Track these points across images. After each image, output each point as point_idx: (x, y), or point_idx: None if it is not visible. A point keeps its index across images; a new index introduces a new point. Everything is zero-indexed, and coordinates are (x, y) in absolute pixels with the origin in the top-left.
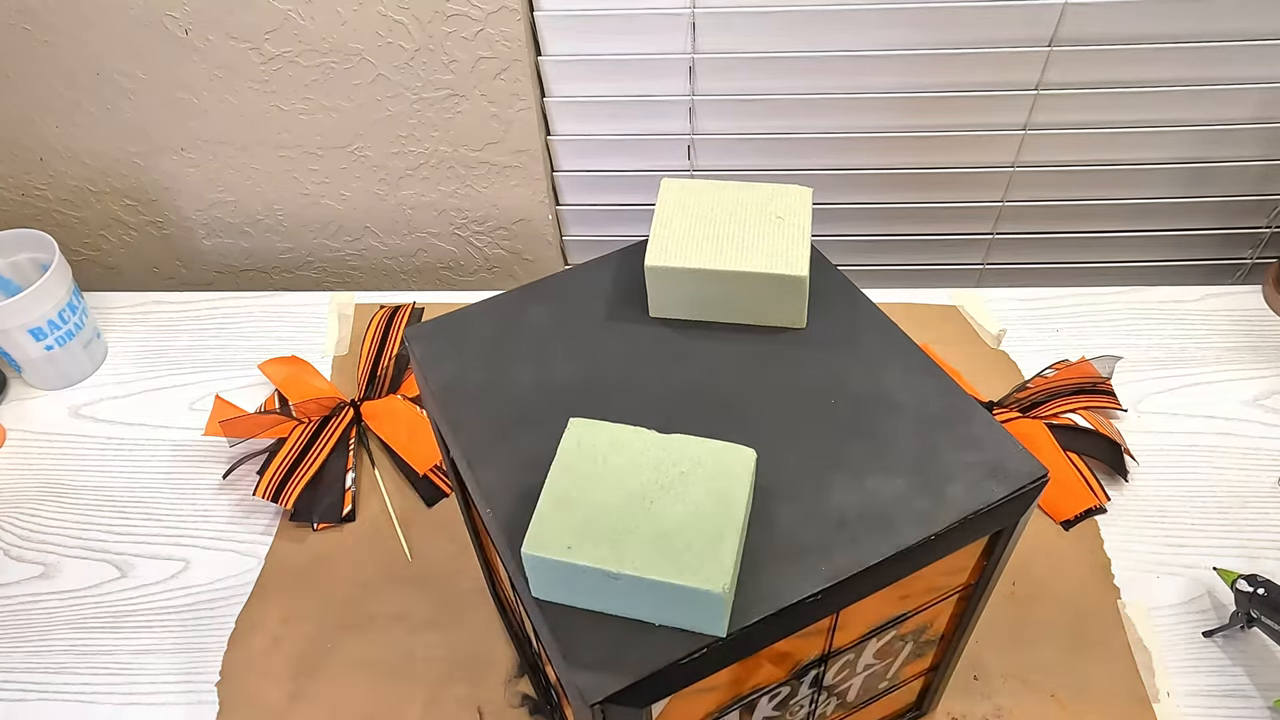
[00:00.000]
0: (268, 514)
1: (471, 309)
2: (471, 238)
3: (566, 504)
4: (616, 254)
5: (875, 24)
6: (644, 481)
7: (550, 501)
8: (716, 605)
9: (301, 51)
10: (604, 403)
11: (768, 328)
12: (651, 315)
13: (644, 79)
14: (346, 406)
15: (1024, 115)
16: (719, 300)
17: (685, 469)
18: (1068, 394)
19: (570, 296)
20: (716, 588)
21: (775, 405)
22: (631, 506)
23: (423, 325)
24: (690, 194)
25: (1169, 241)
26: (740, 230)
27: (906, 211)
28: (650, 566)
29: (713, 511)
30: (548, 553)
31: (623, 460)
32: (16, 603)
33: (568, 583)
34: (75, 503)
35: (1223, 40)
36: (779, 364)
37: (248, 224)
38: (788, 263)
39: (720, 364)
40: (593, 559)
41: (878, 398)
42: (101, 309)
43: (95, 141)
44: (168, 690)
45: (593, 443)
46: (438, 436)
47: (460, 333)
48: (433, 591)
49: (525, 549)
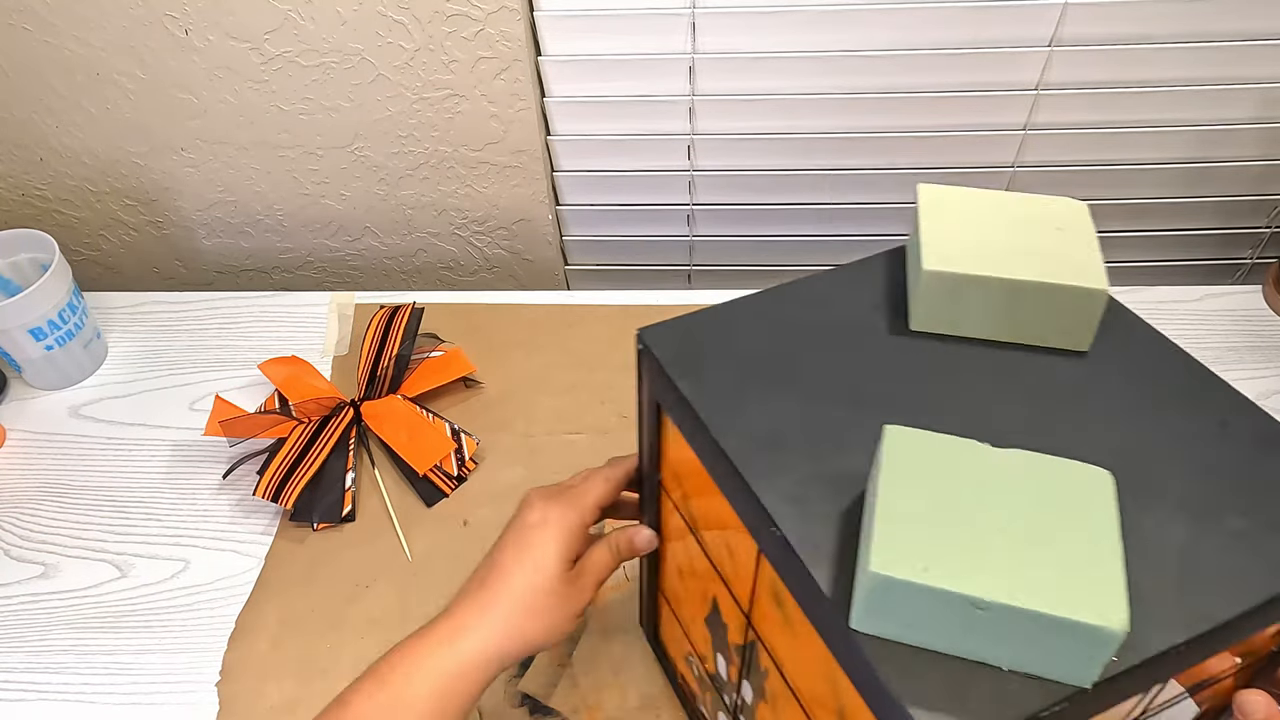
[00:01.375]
0: (268, 514)
1: (710, 311)
2: (471, 238)
3: (909, 521)
4: (869, 259)
5: (875, 24)
6: (992, 498)
7: (889, 517)
8: (1105, 647)
9: (301, 51)
10: (873, 418)
11: (1044, 348)
12: (913, 328)
13: (644, 79)
14: (346, 406)
15: (1024, 115)
16: (998, 314)
17: (1036, 487)
18: None
19: (819, 302)
20: (1115, 625)
21: (1079, 432)
22: (987, 526)
23: (658, 327)
24: (953, 200)
25: (1169, 241)
26: (1023, 239)
27: (906, 211)
28: (1030, 596)
29: (1086, 538)
30: (901, 573)
31: (960, 474)
32: (16, 603)
33: (908, 612)
34: (75, 503)
35: (1223, 40)
36: (1072, 387)
37: (248, 224)
38: (1086, 275)
39: (1000, 384)
40: (956, 584)
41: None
42: (101, 309)
43: (95, 141)
44: (168, 690)
45: (920, 454)
46: (648, 446)
47: (703, 336)
48: (433, 592)
49: (874, 568)
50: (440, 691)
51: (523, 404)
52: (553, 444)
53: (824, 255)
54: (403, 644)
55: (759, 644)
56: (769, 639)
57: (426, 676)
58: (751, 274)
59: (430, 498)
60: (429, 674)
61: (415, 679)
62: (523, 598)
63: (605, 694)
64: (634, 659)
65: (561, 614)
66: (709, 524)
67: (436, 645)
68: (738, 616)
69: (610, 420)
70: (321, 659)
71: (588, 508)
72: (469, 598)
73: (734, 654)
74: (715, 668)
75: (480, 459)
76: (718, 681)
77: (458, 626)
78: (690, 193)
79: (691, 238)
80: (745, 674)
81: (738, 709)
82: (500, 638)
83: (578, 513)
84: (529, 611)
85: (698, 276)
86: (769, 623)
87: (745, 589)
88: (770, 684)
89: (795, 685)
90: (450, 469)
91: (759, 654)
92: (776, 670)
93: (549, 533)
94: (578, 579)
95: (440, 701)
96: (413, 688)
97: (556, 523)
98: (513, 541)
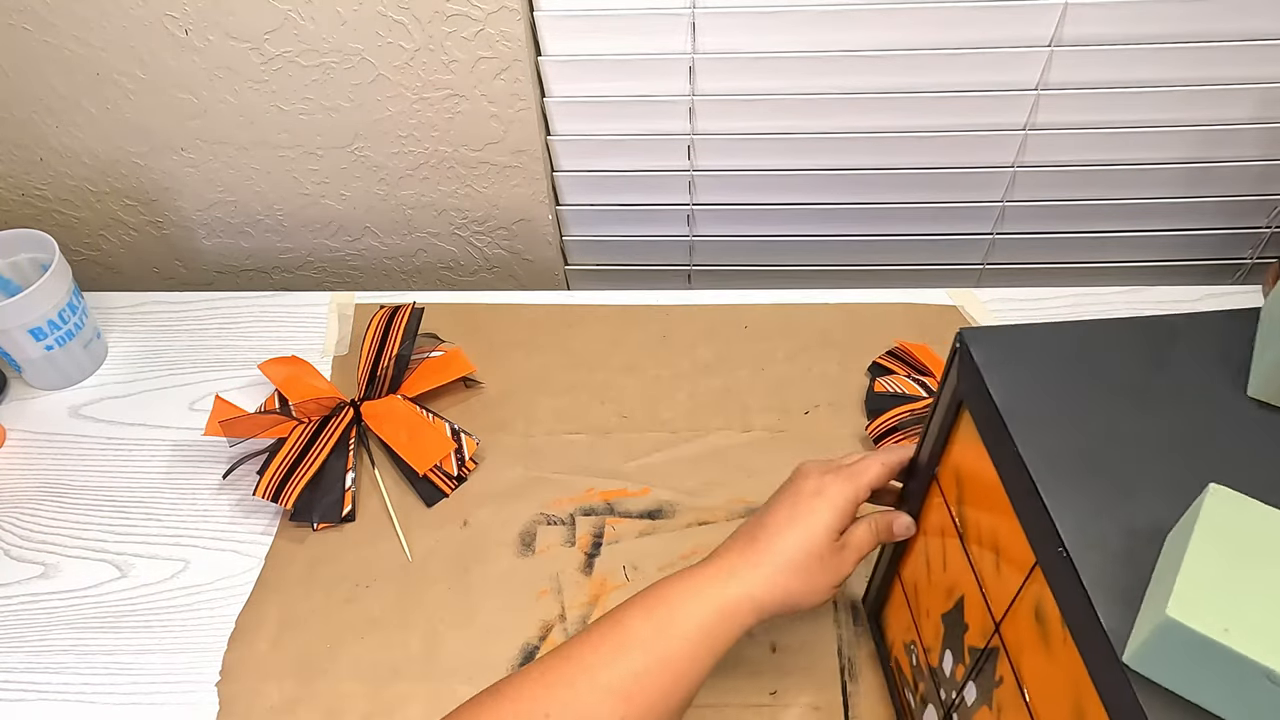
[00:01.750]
0: (268, 514)
1: (1037, 327)
2: (471, 238)
3: (1214, 579)
4: (1212, 315)
5: (875, 24)
6: None
7: (1195, 569)
8: None
9: (301, 51)
10: (1187, 471)
11: None
12: (1250, 394)
13: (644, 79)
14: (346, 406)
15: (1024, 115)
16: None
17: None
18: None
19: (1150, 344)
20: None
21: None
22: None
23: (980, 330)
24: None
25: (1169, 241)
26: None
27: (906, 211)
28: None
29: None
30: (1199, 626)
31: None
32: (16, 603)
33: (1190, 666)
34: (75, 503)
35: (1223, 40)
36: None
37: (248, 224)
38: None
39: None
40: (1257, 652)
41: None
42: (101, 309)
43: (95, 141)
44: (168, 690)
45: (1240, 519)
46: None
47: (1025, 348)
48: (433, 592)
49: (1171, 613)
50: (706, 627)
51: (523, 404)
52: (553, 444)
53: (824, 255)
54: (668, 580)
55: (1002, 652)
56: (1016, 651)
57: (695, 611)
58: (751, 274)
59: (430, 498)
60: (698, 608)
61: (684, 611)
62: (792, 557)
63: None
64: None
65: (823, 580)
66: (980, 528)
67: (706, 583)
68: (984, 621)
69: (610, 420)
70: (321, 659)
71: (861, 486)
72: (738, 549)
73: (967, 654)
74: (938, 662)
75: (480, 459)
76: (937, 675)
77: (728, 570)
78: (690, 193)
79: (691, 238)
80: (973, 676)
81: (953, 706)
82: (766, 588)
83: (853, 489)
84: (795, 570)
85: (698, 276)
86: (1021, 636)
87: (1003, 598)
88: (1002, 693)
89: (1033, 701)
90: (450, 469)
91: (998, 662)
92: (1015, 682)
93: (824, 503)
94: (841, 550)
95: (704, 636)
96: (682, 618)
97: (832, 495)
98: (787, 504)
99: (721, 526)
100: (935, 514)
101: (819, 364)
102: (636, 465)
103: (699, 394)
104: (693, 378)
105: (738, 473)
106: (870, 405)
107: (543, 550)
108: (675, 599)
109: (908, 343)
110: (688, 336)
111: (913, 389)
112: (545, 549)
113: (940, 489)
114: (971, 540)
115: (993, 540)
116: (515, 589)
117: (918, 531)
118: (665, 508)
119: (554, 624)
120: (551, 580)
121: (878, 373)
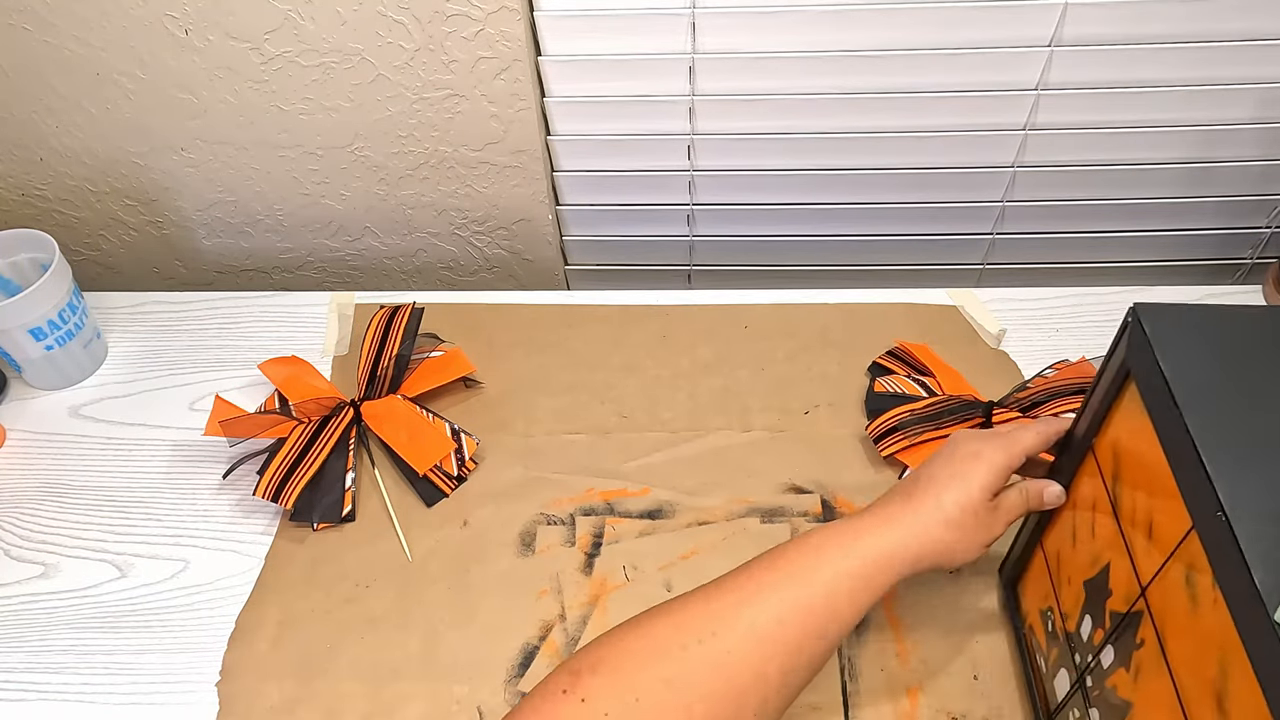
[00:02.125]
0: (268, 514)
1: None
2: (471, 238)
3: None
4: None
5: (875, 24)
6: None
7: None
8: None
9: (301, 51)
10: None
11: None
12: None
13: (644, 79)
14: (346, 406)
15: (1024, 115)
16: None
17: None
18: (1068, 394)
19: None
20: None
21: None
22: None
23: (1155, 306)
24: None
25: (1169, 241)
26: None
27: (906, 211)
28: None
29: None
30: None
31: None
32: (16, 603)
33: None
34: (75, 503)
35: (1223, 40)
36: None
37: (248, 224)
38: None
39: None
40: None
41: None
42: (101, 309)
43: (95, 141)
44: (168, 690)
45: None
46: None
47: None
48: (433, 592)
49: None
50: (864, 573)
51: (523, 404)
52: (553, 444)
53: (824, 255)
54: (827, 528)
55: (1146, 616)
56: (1161, 614)
57: (855, 554)
58: (751, 274)
59: (430, 498)
60: (859, 552)
61: (849, 554)
62: (950, 511)
63: None
64: None
65: (976, 537)
66: (1136, 495)
67: (867, 531)
68: (1128, 587)
69: (610, 420)
70: (321, 659)
71: (1016, 453)
72: (897, 501)
73: (1108, 619)
74: (1075, 627)
75: (480, 459)
76: (1073, 640)
77: (889, 519)
78: (690, 193)
79: (691, 238)
80: (1112, 639)
81: (1087, 669)
82: (922, 539)
83: (1008, 454)
84: (951, 524)
85: (698, 276)
86: (1169, 600)
87: (1153, 563)
88: (1142, 655)
89: (1174, 661)
90: (450, 469)
91: (1141, 625)
92: (1157, 644)
93: (982, 464)
94: (994, 511)
95: (863, 581)
96: (845, 561)
97: (989, 457)
98: (945, 463)
99: (721, 526)
100: (1087, 485)
101: (819, 364)
102: (636, 465)
103: (699, 394)
104: (693, 377)
105: (738, 473)
106: (870, 405)
107: (543, 550)
108: (839, 540)
109: (908, 343)
110: (688, 336)
111: (913, 389)
112: (545, 549)
113: (1096, 459)
114: (1124, 508)
115: (1147, 507)
116: (515, 589)
117: (1065, 502)
118: (665, 508)
119: (554, 624)
120: (551, 580)
121: (878, 373)
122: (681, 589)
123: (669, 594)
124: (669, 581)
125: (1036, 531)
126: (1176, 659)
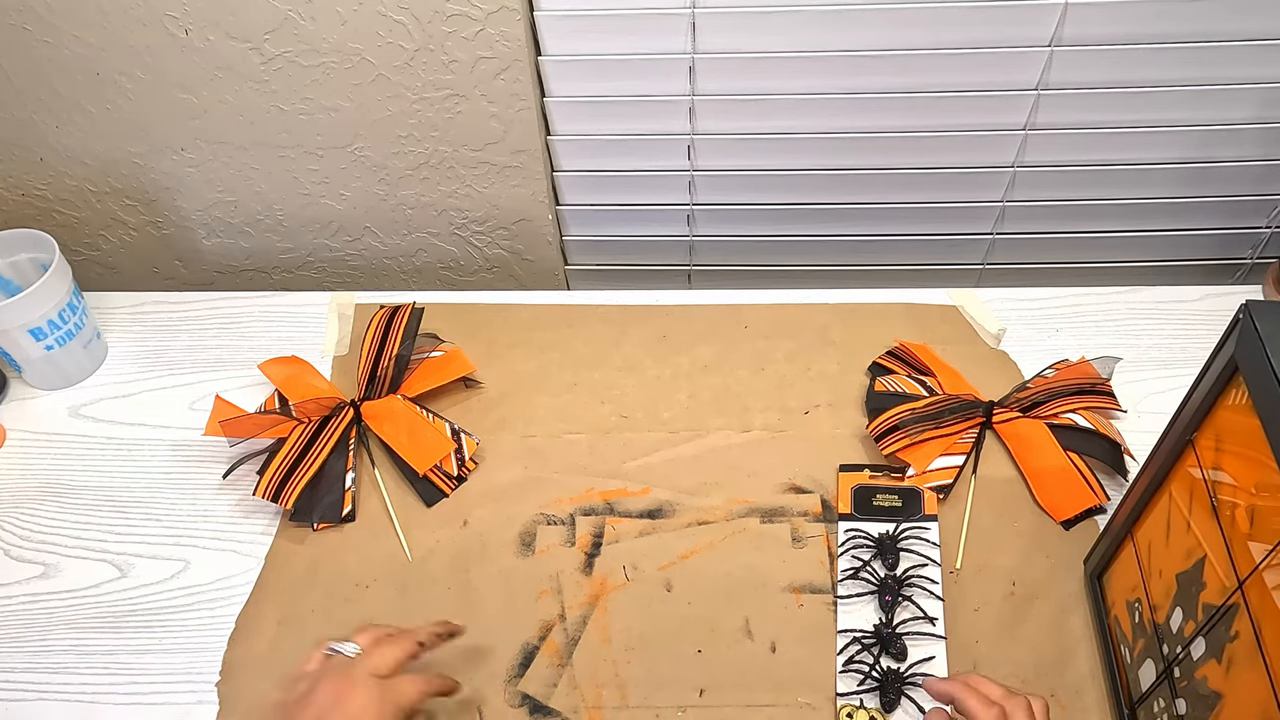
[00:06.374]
0: (268, 514)
1: None
2: (471, 238)
3: None
4: None
5: (875, 24)
6: None
7: None
8: None
9: (301, 51)
10: None
11: None
12: None
13: (644, 79)
14: (346, 406)
15: (1024, 115)
16: None
17: None
18: (1068, 394)
19: None
20: None
21: None
22: None
23: (1268, 304)
24: None
25: (1169, 241)
26: None
27: (906, 211)
28: None
29: None
30: None
31: None
32: (16, 603)
33: None
34: (75, 503)
35: (1223, 40)
36: None
37: (248, 224)
38: None
39: None
40: None
41: None
42: (101, 309)
43: (95, 141)
44: (168, 690)
45: None
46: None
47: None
48: (433, 592)
49: None
50: None
51: (523, 404)
52: (553, 444)
53: (824, 255)
54: None
55: (1243, 609)
56: (1259, 607)
57: None
58: (751, 274)
59: (430, 498)
60: None
61: None
62: None
63: (604, 693)
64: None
65: None
66: (1239, 490)
67: None
68: (1225, 579)
69: (610, 420)
70: None
71: None
72: None
73: (1200, 611)
74: (1165, 619)
75: (480, 459)
76: (1161, 631)
77: None
78: (690, 193)
79: (691, 238)
80: (1203, 631)
81: (1174, 660)
82: None
83: None
84: None
85: (698, 276)
86: (1268, 593)
87: (1252, 558)
88: (1236, 647)
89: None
90: (450, 469)
91: (1237, 618)
92: (1253, 637)
93: None
94: None
95: None
96: None
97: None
98: None
99: (721, 526)
100: (1182, 477)
101: (819, 364)
102: (636, 465)
103: (699, 394)
104: (692, 377)
105: (738, 473)
106: (871, 404)
107: (543, 550)
108: None
109: (908, 343)
110: (688, 336)
111: (913, 388)
112: (545, 549)
113: (1196, 453)
114: (1224, 502)
115: (1249, 502)
116: (515, 589)
117: (1159, 493)
118: (665, 508)
119: (554, 624)
120: (551, 580)
121: (878, 372)
122: (681, 589)
123: (669, 594)
124: (669, 581)
125: (1127, 524)
126: (1273, 652)
